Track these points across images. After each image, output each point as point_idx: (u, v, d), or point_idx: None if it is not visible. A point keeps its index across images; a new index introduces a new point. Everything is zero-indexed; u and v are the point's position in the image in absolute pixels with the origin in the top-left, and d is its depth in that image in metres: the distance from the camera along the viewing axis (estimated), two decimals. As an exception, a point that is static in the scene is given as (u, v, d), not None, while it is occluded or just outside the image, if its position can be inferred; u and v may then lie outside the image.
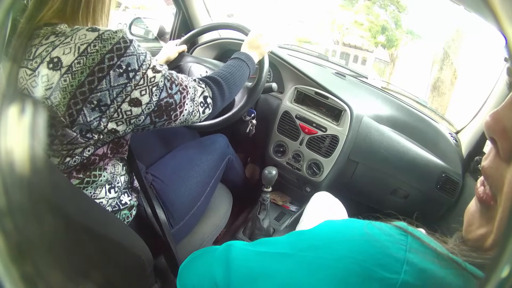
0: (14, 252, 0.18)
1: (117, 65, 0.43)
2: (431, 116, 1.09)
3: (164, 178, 0.70)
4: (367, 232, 0.23)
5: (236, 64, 0.66)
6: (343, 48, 3.89)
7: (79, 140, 0.46)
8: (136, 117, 0.47)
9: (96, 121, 0.44)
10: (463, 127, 1.06)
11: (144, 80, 0.46)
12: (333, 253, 0.23)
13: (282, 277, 0.25)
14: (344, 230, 0.25)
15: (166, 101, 0.49)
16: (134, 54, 0.45)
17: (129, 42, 0.44)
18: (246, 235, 1.02)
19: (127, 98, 0.45)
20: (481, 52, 1.27)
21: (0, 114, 0.23)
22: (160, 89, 0.48)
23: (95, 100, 0.43)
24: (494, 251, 0.20)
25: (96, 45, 0.42)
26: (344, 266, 0.21)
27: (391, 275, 0.19)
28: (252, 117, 0.93)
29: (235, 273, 0.30)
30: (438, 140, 0.99)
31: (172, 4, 1.16)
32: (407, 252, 0.20)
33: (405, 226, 0.23)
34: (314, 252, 0.24)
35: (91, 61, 0.41)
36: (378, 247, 0.21)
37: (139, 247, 0.53)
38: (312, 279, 0.23)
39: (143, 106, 0.47)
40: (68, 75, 0.41)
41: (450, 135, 1.03)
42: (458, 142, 1.02)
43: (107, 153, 0.53)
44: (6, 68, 0.32)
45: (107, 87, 0.43)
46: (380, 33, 3.53)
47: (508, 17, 0.15)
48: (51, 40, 0.43)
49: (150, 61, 0.47)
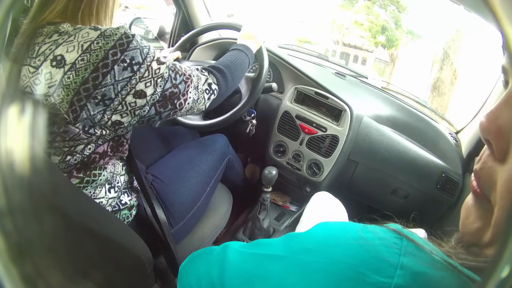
0: (14, 252, 0.18)
1: (121, 60, 0.43)
2: (431, 116, 1.09)
3: (164, 178, 0.70)
4: (361, 236, 0.23)
5: (234, 54, 0.67)
6: (343, 48, 3.89)
7: (82, 136, 0.46)
8: (140, 108, 0.48)
9: (99, 114, 0.44)
10: (463, 127, 1.06)
11: (149, 72, 0.46)
12: (327, 257, 0.23)
13: (276, 279, 0.25)
14: (338, 233, 0.25)
15: (170, 91, 0.50)
16: (138, 48, 0.45)
17: (131, 37, 0.45)
18: (246, 235, 1.01)
19: (131, 90, 0.45)
20: (481, 52, 1.27)
21: (0, 114, 0.23)
22: (165, 80, 0.49)
23: (99, 95, 0.43)
24: (492, 249, 0.20)
25: (99, 42, 0.42)
26: (337, 271, 0.21)
27: (384, 279, 0.19)
28: (252, 117, 0.93)
29: (229, 274, 0.30)
30: (438, 140, 0.99)
31: (172, 4, 1.15)
32: (401, 256, 0.20)
33: (399, 229, 0.23)
34: (308, 255, 0.24)
35: (95, 58, 0.42)
36: (371, 252, 0.21)
37: (139, 247, 0.53)
38: (305, 282, 0.23)
39: (147, 97, 0.47)
40: (71, 72, 0.41)
41: (450, 135, 1.03)
42: (458, 142, 1.02)
43: (107, 151, 0.53)
44: (6, 68, 0.32)
45: (112, 82, 0.43)
46: (380, 33, 3.53)
47: (508, 17, 0.15)
48: (54, 38, 0.43)
49: (154, 53, 0.48)
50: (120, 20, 1.10)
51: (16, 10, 0.27)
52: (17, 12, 0.38)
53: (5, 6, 0.20)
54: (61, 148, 0.46)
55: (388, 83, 1.23)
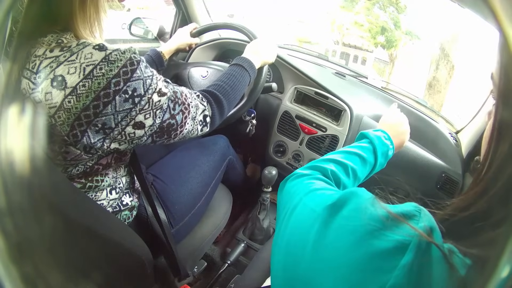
0: (14, 252, 0.18)
1: (123, 91, 0.42)
2: (431, 116, 1.09)
3: (165, 179, 0.70)
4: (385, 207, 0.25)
5: (238, 74, 0.64)
6: (343, 48, 3.89)
7: (83, 157, 0.46)
8: (138, 138, 0.47)
9: (99, 142, 0.44)
10: (463, 127, 1.06)
11: (149, 105, 0.45)
12: (358, 220, 0.26)
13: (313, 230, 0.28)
14: (365, 204, 0.27)
15: (168, 122, 0.49)
16: (141, 78, 0.44)
17: (136, 64, 0.43)
18: (246, 235, 1.02)
19: (131, 122, 0.44)
20: (481, 52, 1.27)
21: (0, 114, 0.23)
22: (164, 111, 0.48)
23: (100, 124, 0.42)
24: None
25: (102, 68, 0.41)
26: (364, 231, 0.24)
27: (402, 237, 0.22)
28: (252, 117, 0.93)
29: None
30: (438, 140, 0.99)
31: (172, 4, 1.15)
32: (419, 222, 0.23)
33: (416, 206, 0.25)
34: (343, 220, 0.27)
35: (97, 85, 0.40)
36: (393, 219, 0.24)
37: (139, 247, 0.53)
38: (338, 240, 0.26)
39: (146, 128, 0.47)
40: (72, 97, 0.40)
41: (450, 135, 1.03)
42: (458, 142, 1.02)
43: (111, 163, 0.53)
44: (6, 68, 0.32)
45: (112, 112, 0.42)
46: (380, 33, 3.54)
47: (508, 17, 0.15)
48: (55, 54, 0.41)
49: (157, 84, 0.46)
50: (124, 21, 1.11)
51: (16, 10, 0.27)
52: (17, 12, 0.38)
53: (5, 6, 0.20)
54: (63, 165, 0.46)
55: (388, 83, 1.23)
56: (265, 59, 0.73)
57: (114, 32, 1.20)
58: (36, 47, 0.42)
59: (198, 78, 0.85)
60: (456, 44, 1.90)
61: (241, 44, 1.05)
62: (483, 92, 0.95)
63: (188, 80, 0.87)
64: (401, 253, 0.21)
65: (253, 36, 0.78)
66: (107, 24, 0.50)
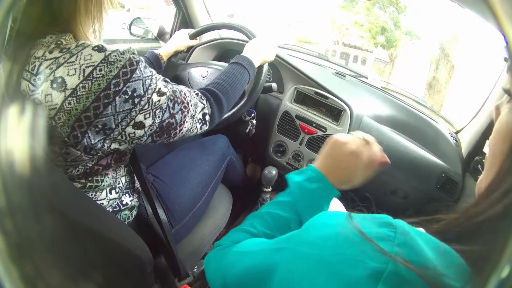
0: (14, 252, 0.18)
1: (123, 91, 0.42)
2: (431, 116, 1.09)
3: (165, 178, 0.70)
4: (360, 229, 0.24)
5: (237, 72, 0.64)
6: (343, 48, 3.90)
7: (84, 157, 0.46)
8: (138, 138, 0.47)
9: (100, 143, 0.44)
10: (463, 127, 1.06)
11: (149, 105, 0.45)
12: (328, 249, 0.24)
13: (283, 268, 0.27)
14: (335, 227, 0.26)
15: (168, 121, 0.49)
16: (140, 79, 0.44)
17: (135, 64, 0.43)
18: (246, 235, 1.01)
19: (131, 122, 0.45)
20: (481, 52, 1.27)
21: (0, 114, 0.23)
22: (163, 111, 0.48)
23: (100, 124, 0.42)
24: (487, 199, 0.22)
25: (102, 69, 0.41)
26: (338, 261, 0.23)
27: (380, 265, 0.21)
28: (252, 117, 0.93)
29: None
30: (438, 140, 0.99)
31: (172, 4, 1.16)
32: (394, 247, 0.22)
33: (393, 222, 0.24)
34: (309, 247, 0.26)
35: (97, 87, 0.40)
36: (369, 243, 0.22)
37: (139, 247, 0.53)
38: (309, 272, 0.24)
39: (146, 128, 0.47)
40: (73, 98, 0.40)
41: (450, 135, 1.03)
42: (458, 142, 1.02)
43: (111, 163, 0.53)
44: (6, 68, 0.32)
45: (112, 113, 0.42)
46: (380, 33, 3.54)
47: (508, 17, 0.15)
48: (55, 55, 0.41)
49: (156, 84, 0.46)
50: (124, 20, 1.11)
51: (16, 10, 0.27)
52: (17, 12, 0.38)
53: (5, 6, 0.20)
54: (63, 166, 0.46)
55: (387, 83, 1.23)
56: (265, 58, 0.73)
57: (114, 32, 1.20)
58: (35, 49, 0.42)
59: (198, 78, 0.85)
60: (456, 44, 1.90)
61: (241, 44, 1.05)
62: (483, 92, 0.95)
63: (188, 80, 0.87)
64: (376, 281, 0.20)
65: (252, 35, 0.78)
66: (107, 24, 0.50)
